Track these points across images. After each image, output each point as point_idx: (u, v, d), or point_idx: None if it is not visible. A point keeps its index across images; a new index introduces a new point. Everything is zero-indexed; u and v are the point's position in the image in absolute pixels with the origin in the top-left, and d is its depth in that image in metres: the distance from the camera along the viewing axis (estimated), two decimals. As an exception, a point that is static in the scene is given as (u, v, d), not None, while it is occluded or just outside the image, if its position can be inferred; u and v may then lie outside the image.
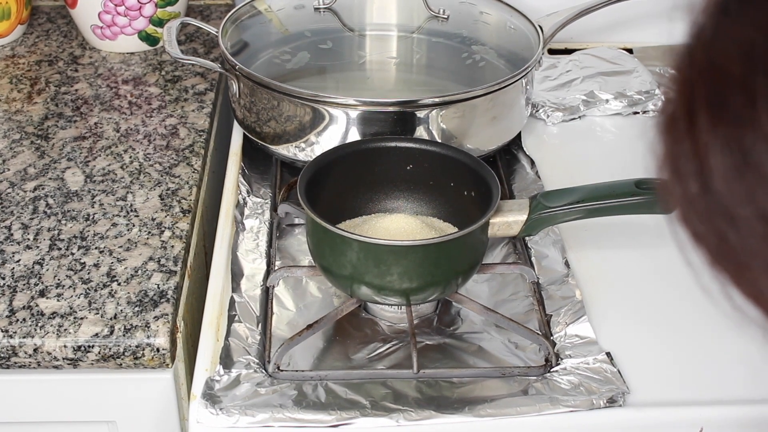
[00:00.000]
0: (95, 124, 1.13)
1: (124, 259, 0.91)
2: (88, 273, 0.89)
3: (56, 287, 0.88)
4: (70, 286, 0.88)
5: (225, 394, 0.78)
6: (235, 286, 0.90)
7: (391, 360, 0.84)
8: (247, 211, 1.00)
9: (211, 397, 0.77)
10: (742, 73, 0.34)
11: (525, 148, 1.12)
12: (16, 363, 0.83)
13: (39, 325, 0.83)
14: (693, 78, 0.36)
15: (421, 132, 0.99)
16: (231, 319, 0.85)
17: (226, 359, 0.81)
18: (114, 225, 0.96)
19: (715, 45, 0.35)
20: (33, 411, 0.88)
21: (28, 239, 0.94)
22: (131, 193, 1.01)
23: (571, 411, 0.77)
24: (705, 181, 0.35)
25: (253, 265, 0.93)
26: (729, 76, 0.34)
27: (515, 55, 1.12)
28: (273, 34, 1.18)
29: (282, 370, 0.81)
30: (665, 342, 0.86)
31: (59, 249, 0.92)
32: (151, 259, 0.91)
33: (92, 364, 0.83)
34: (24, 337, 0.83)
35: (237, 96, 1.06)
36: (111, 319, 0.84)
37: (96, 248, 0.92)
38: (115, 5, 1.25)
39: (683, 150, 0.36)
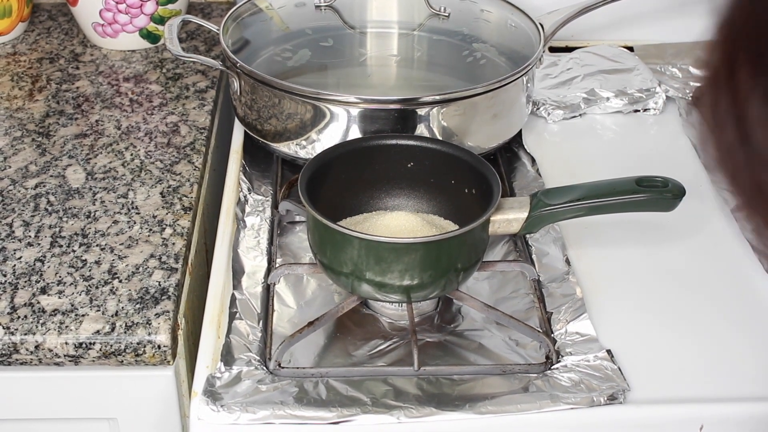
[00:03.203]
0: (96, 121, 1.13)
1: (125, 257, 0.91)
2: (90, 270, 0.89)
3: (57, 284, 0.88)
4: (72, 284, 0.88)
5: (226, 391, 0.78)
6: (236, 284, 0.90)
7: (391, 357, 0.84)
8: (248, 209, 1.00)
9: (212, 394, 0.78)
10: None
11: (526, 146, 1.12)
12: (17, 360, 0.84)
13: (40, 322, 0.84)
14: (734, 33, 0.36)
15: (422, 130, 1.00)
16: (232, 317, 0.86)
17: (227, 356, 0.81)
18: (115, 222, 0.96)
19: (758, 1, 0.35)
20: (34, 408, 0.88)
21: (30, 236, 0.94)
22: (132, 190, 1.01)
23: (572, 408, 0.77)
24: (744, 130, 0.36)
25: (254, 263, 0.93)
26: None
27: (516, 52, 1.12)
28: (274, 32, 1.18)
29: (283, 367, 0.81)
30: (666, 339, 0.86)
31: (60, 246, 0.92)
32: (152, 256, 0.91)
33: (93, 361, 0.84)
34: (25, 334, 0.83)
35: (238, 93, 1.06)
36: (112, 316, 0.84)
37: (97, 245, 0.93)
38: (116, 3, 1.25)
39: (724, 100, 0.36)
